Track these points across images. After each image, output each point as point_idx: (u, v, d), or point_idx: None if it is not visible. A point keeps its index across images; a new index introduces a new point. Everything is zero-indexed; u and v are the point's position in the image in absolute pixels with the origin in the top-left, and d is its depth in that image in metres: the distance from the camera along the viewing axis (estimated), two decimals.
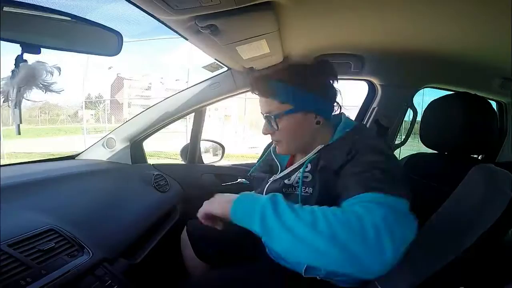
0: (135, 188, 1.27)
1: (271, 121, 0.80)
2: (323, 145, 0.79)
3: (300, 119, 0.79)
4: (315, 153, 0.79)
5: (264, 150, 1.02)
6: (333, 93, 0.83)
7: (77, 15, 0.62)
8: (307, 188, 0.77)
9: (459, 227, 0.71)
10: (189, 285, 0.92)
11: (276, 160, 0.93)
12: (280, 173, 0.87)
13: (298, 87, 0.77)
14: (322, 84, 0.81)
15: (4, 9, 0.52)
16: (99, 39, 0.70)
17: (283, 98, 0.78)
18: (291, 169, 0.84)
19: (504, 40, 0.96)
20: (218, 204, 0.67)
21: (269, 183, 0.88)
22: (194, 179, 1.56)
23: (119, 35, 0.70)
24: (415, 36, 1.09)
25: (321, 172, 0.75)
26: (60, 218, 0.83)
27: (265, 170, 0.96)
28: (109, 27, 0.68)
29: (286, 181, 0.82)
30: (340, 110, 0.87)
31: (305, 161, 0.79)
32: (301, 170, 0.78)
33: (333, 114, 0.85)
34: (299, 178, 0.78)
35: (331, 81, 0.83)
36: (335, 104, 0.84)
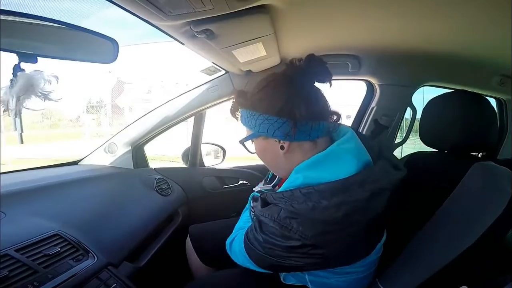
0: (138, 192, 1.28)
1: (243, 145, 0.76)
2: (266, 186, 0.81)
3: (263, 145, 0.72)
4: (257, 191, 0.78)
5: None
6: (299, 106, 0.64)
7: (73, 23, 0.63)
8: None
9: (460, 226, 0.71)
10: None
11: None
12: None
13: (250, 109, 0.69)
14: (278, 98, 0.65)
15: (0, 18, 0.52)
16: (95, 46, 0.70)
17: (243, 123, 0.73)
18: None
19: (503, 37, 0.96)
20: None
21: None
22: (196, 182, 1.57)
23: (114, 43, 0.71)
24: (412, 35, 1.09)
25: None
26: (65, 223, 0.84)
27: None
28: (105, 35, 0.69)
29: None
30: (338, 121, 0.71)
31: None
32: (246, 206, 0.82)
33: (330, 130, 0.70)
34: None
35: (306, 88, 0.67)
36: (311, 118, 0.65)
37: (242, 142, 0.75)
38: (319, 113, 0.67)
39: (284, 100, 0.65)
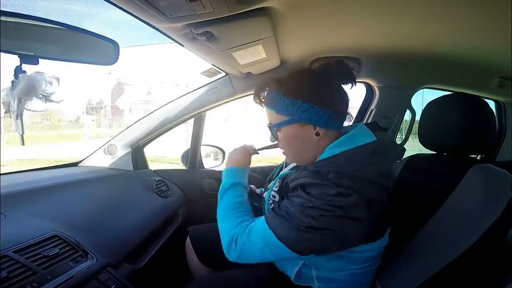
0: (137, 194, 1.28)
1: (271, 131, 0.80)
2: (295, 164, 0.78)
3: (297, 131, 0.75)
4: (288, 170, 0.77)
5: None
6: (337, 100, 0.75)
7: (75, 25, 0.64)
8: (273, 203, 0.78)
9: (459, 228, 0.71)
10: None
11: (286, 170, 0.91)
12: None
13: (292, 97, 0.72)
14: (322, 91, 0.74)
15: (1, 19, 0.53)
16: (96, 48, 0.70)
17: (278, 109, 0.75)
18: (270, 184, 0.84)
19: (502, 39, 0.96)
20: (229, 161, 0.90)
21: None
22: (195, 184, 1.56)
23: (115, 44, 0.71)
24: (411, 38, 1.10)
25: (284, 192, 0.75)
26: (64, 225, 0.84)
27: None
28: (105, 37, 0.69)
29: (264, 194, 0.84)
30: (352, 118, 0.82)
31: (276, 179, 0.78)
32: (269, 186, 0.78)
33: (346, 123, 0.80)
34: (269, 198, 0.80)
35: (338, 86, 0.77)
36: (342, 112, 0.77)
37: (274, 127, 0.77)
38: (347, 109, 0.78)
39: (328, 92, 0.74)
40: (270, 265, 0.90)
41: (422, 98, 1.60)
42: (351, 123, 0.85)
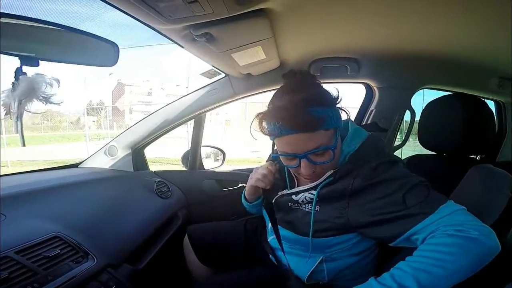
0: (138, 195, 1.29)
1: (330, 153, 0.70)
2: (332, 171, 0.73)
3: (335, 137, 0.72)
4: (325, 178, 0.74)
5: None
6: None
7: (75, 26, 0.64)
8: (315, 206, 0.76)
9: None
10: None
11: (286, 177, 0.88)
12: (290, 190, 0.84)
13: (331, 106, 0.70)
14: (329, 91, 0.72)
15: (1, 20, 0.53)
16: (96, 50, 0.70)
17: (327, 124, 0.67)
18: (300, 189, 0.80)
19: (502, 39, 0.96)
20: None
21: (277, 195, 0.86)
22: (195, 185, 1.57)
23: (115, 46, 0.71)
24: (411, 38, 1.10)
25: (332, 195, 0.73)
26: (65, 226, 0.84)
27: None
28: (105, 38, 0.69)
29: (293, 196, 0.80)
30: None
31: (318, 184, 0.75)
32: (315, 192, 0.75)
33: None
34: (305, 198, 0.77)
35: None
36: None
37: (333, 147, 0.70)
38: None
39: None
40: (270, 264, 0.90)
41: (422, 99, 1.60)
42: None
